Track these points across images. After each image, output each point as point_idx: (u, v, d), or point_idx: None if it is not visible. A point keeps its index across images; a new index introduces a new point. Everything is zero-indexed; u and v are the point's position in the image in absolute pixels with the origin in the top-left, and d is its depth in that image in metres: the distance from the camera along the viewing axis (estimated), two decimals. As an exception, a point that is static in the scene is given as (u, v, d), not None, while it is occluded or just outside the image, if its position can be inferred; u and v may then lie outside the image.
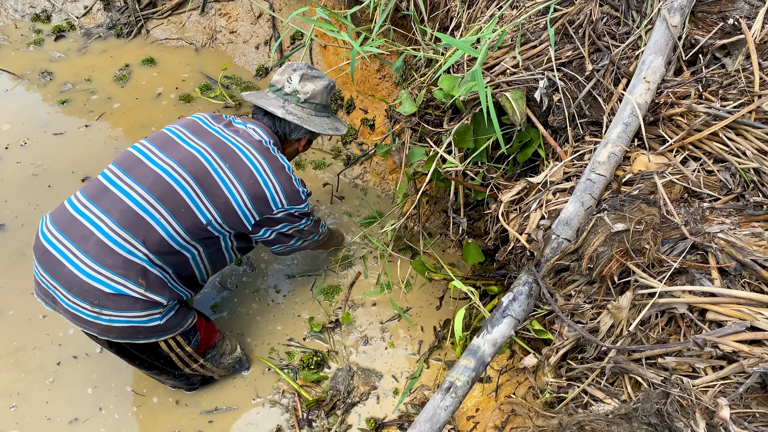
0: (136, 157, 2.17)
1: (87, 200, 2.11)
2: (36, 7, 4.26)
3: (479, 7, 2.37)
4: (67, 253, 2.04)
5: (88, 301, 2.02)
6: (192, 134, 2.22)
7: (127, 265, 2.04)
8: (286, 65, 2.41)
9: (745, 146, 1.75)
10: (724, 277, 1.57)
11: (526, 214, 1.96)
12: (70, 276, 2.02)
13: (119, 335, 2.10)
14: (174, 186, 2.10)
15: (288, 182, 2.26)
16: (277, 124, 2.40)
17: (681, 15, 1.93)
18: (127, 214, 2.06)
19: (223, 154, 2.17)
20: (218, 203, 2.15)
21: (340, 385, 2.62)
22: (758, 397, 1.39)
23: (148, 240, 2.07)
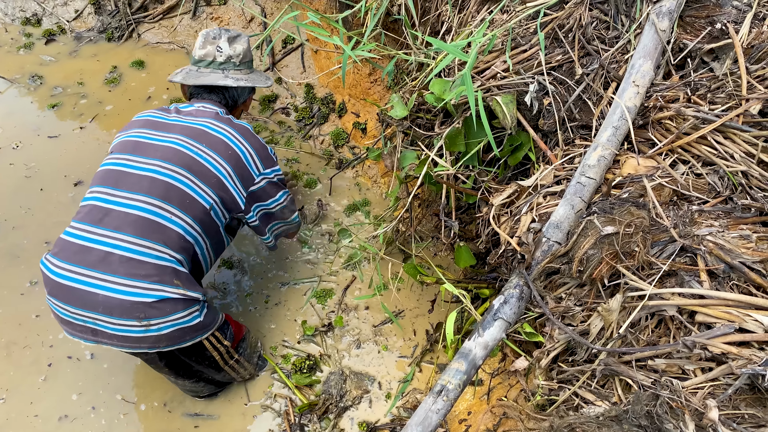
0: (118, 170, 2.15)
1: (90, 226, 2.07)
2: (26, 11, 4.24)
3: (470, 12, 2.38)
4: (94, 281, 1.99)
5: (134, 317, 1.99)
6: (157, 131, 2.24)
7: (159, 271, 2.03)
8: (202, 38, 2.44)
9: (733, 149, 1.77)
10: (713, 279, 1.58)
11: (517, 217, 1.97)
12: (107, 301, 1.98)
13: (169, 343, 2.08)
14: (170, 182, 2.12)
15: (257, 142, 2.34)
16: (226, 95, 2.47)
17: (669, 19, 1.95)
18: (140, 223, 2.05)
19: (195, 137, 2.21)
20: (212, 184, 2.19)
21: (332, 389, 2.61)
22: (747, 398, 1.40)
23: (168, 241, 2.08)
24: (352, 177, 3.43)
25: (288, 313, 2.87)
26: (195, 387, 2.48)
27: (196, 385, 2.46)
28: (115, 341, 2.05)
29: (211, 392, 2.58)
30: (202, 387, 2.49)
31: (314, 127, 3.64)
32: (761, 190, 1.72)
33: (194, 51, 2.48)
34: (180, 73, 2.47)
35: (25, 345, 2.71)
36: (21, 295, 2.87)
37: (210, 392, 2.57)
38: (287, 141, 3.58)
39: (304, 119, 3.68)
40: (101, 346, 2.15)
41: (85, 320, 2.02)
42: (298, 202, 3.29)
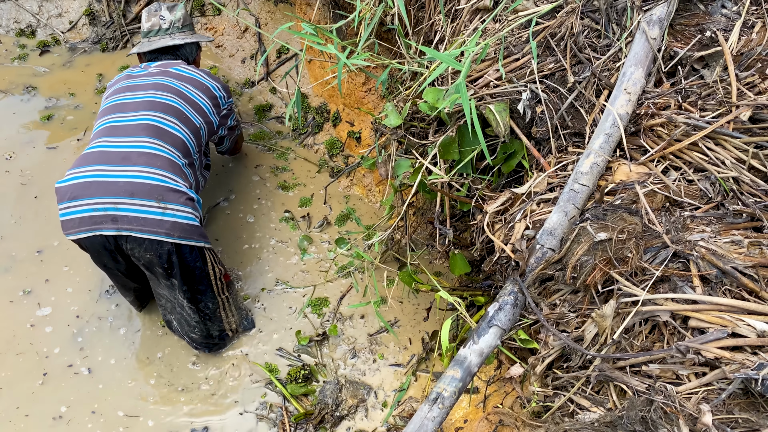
0: (118, 104, 2.55)
1: (107, 137, 2.42)
2: (21, 23, 4.25)
3: (462, 21, 2.39)
4: (116, 173, 2.31)
5: (153, 198, 2.30)
6: (138, 80, 2.66)
7: (172, 165, 2.42)
8: (145, 14, 2.88)
9: (724, 156, 1.79)
10: (706, 284, 1.59)
11: (511, 224, 1.97)
12: (129, 186, 2.29)
13: (182, 233, 2.36)
14: (166, 102, 2.55)
15: (218, 79, 2.87)
16: (179, 54, 2.92)
17: (660, 28, 1.97)
18: (151, 128, 2.45)
19: (174, 77, 2.67)
20: (197, 110, 2.66)
21: (328, 399, 2.61)
22: (740, 402, 1.41)
23: (176, 144, 2.50)
24: (347, 186, 3.43)
25: (283, 323, 2.87)
26: (193, 320, 2.61)
27: (195, 317, 2.60)
28: (135, 225, 2.29)
29: (210, 341, 2.70)
30: (202, 326, 2.63)
31: (309, 137, 3.65)
32: (752, 196, 1.74)
33: (142, 27, 2.92)
34: (138, 47, 2.92)
35: (19, 352, 2.70)
36: (10, 302, 2.86)
37: (208, 340, 2.69)
38: (281, 154, 3.59)
39: (298, 128, 3.69)
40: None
41: (107, 207, 2.28)
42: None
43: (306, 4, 3.44)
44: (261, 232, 3.21)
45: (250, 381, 2.67)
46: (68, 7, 4.26)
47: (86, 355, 2.72)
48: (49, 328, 2.80)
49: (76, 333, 2.78)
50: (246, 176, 3.47)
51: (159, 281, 2.52)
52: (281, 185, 3.42)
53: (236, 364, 2.72)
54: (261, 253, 3.12)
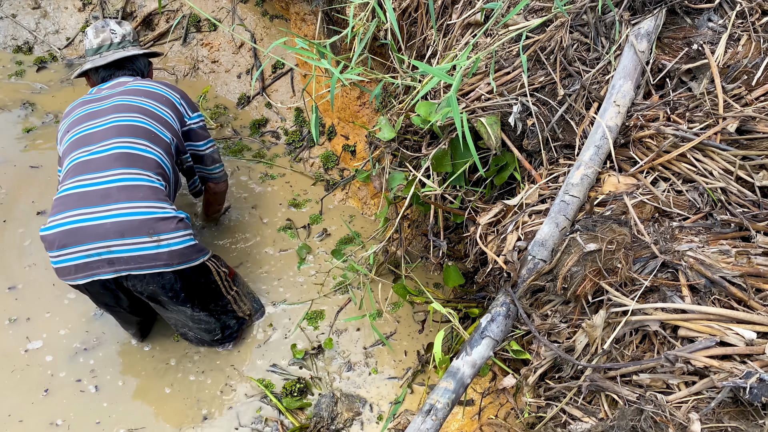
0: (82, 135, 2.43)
1: (80, 176, 2.31)
2: (18, 39, 4.28)
3: (454, 36, 2.43)
4: (101, 214, 2.22)
5: (144, 234, 2.22)
6: (97, 103, 2.54)
7: (153, 192, 2.32)
8: (92, 30, 2.76)
9: (712, 167, 1.81)
10: (695, 294, 1.60)
11: (504, 236, 1.99)
12: (117, 226, 2.21)
13: (180, 260, 2.30)
14: (133, 123, 2.44)
15: (180, 91, 2.74)
16: (134, 68, 2.81)
17: (648, 41, 1.99)
18: (124, 157, 2.34)
19: (133, 94, 2.56)
20: (163, 124, 2.54)
21: (323, 412, 2.60)
22: (730, 411, 1.42)
23: (151, 168, 2.39)
24: (342, 199, 3.45)
25: (278, 336, 2.87)
26: (209, 325, 2.63)
27: (210, 320, 2.62)
28: (132, 264, 2.24)
29: (224, 336, 2.73)
30: (215, 325, 2.65)
31: (304, 150, 3.67)
32: (740, 206, 1.76)
33: (89, 44, 2.78)
34: (84, 66, 2.78)
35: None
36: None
37: (223, 335, 2.72)
38: (275, 166, 3.61)
39: (293, 142, 3.72)
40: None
41: (100, 252, 2.21)
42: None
43: (301, 19, 3.48)
44: (257, 241, 3.23)
45: (245, 395, 2.67)
46: (65, 23, 4.30)
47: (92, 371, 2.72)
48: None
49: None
50: (242, 187, 3.49)
51: (166, 308, 2.50)
52: (277, 196, 3.44)
53: (231, 377, 2.72)
54: (258, 263, 3.14)
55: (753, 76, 1.86)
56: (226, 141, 3.73)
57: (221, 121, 3.85)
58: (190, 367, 2.75)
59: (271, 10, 3.96)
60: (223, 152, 3.68)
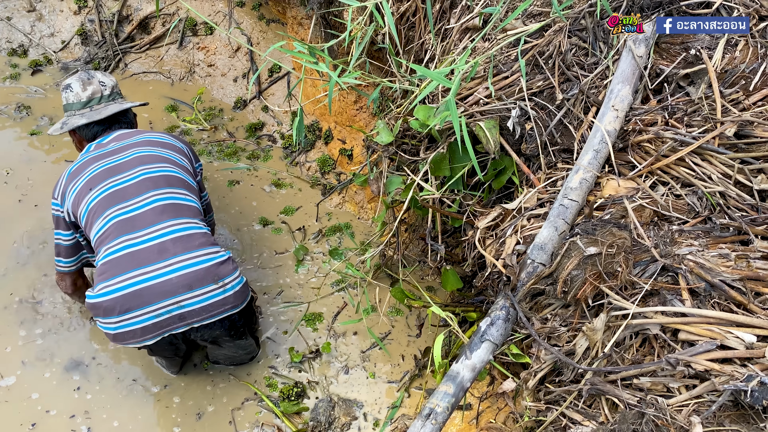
0: (114, 191, 2.31)
1: (127, 235, 2.22)
2: (13, 42, 4.26)
3: (452, 40, 2.43)
4: (163, 271, 2.15)
5: (211, 282, 2.19)
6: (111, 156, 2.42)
7: (206, 238, 2.29)
8: (78, 83, 2.58)
9: (711, 171, 1.82)
10: (695, 297, 1.61)
11: (502, 239, 1.99)
12: (183, 279, 2.15)
13: (243, 298, 2.31)
14: (164, 174, 2.38)
15: (185, 141, 2.67)
16: (126, 120, 2.68)
17: (646, 46, 2.00)
18: (168, 209, 2.28)
19: (148, 145, 2.47)
20: (186, 171, 2.49)
21: (320, 416, 2.60)
22: (731, 414, 1.42)
23: (195, 215, 2.35)
24: (339, 203, 3.45)
25: (276, 339, 2.86)
26: (251, 346, 2.68)
27: (253, 343, 2.68)
28: (204, 314, 2.20)
29: (251, 354, 2.75)
30: (251, 343, 2.66)
31: (301, 154, 3.67)
32: (738, 210, 1.76)
33: (75, 97, 2.57)
34: (72, 121, 2.58)
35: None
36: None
37: (250, 354, 2.74)
38: (272, 171, 3.61)
39: (290, 146, 3.71)
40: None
41: (170, 309, 2.15)
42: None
43: (298, 23, 3.48)
44: (254, 244, 3.22)
45: (243, 399, 2.66)
46: (61, 26, 4.29)
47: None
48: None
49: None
50: (237, 190, 3.48)
51: (222, 346, 2.51)
52: (273, 199, 3.44)
53: (228, 380, 2.71)
54: (255, 265, 3.13)
55: (750, 81, 1.88)
56: (220, 144, 3.73)
57: (215, 123, 3.85)
58: (186, 370, 2.74)
59: (267, 14, 3.96)
60: (217, 155, 3.67)
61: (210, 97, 4.04)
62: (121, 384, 2.67)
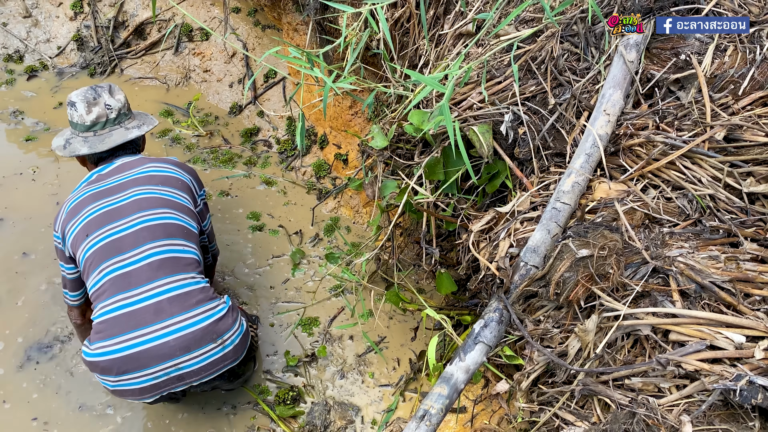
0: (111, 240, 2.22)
1: (122, 294, 2.15)
2: (8, 48, 4.28)
3: (446, 46, 2.46)
4: (159, 333, 2.09)
5: (209, 342, 2.14)
6: (112, 195, 2.31)
7: (204, 292, 2.21)
8: (83, 104, 2.42)
9: (701, 174, 1.84)
10: (685, 298, 1.63)
11: (496, 242, 2.01)
12: (180, 341, 2.09)
13: (242, 348, 2.29)
14: (164, 222, 2.27)
15: (189, 168, 2.56)
16: (132, 145, 2.56)
17: (637, 51, 2.03)
18: (167, 264, 2.19)
19: (148, 182, 2.35)
20: (186, 212, 2.37)
21: (316, 420, 2.60)
22: (721, 414, 1.44)
23: (193, 268, 2.26)
24: (334, 207, 3.47)
25: (272, 343, 2.87)
26: (244, 380, 2.67)
27: (245, 377, 2.66)
28: (203, 373, 2.17)
29: (247, 379, 2.73)
30: (247, 377, 2.67)
31: (296, 159, 3.69)
32: (728, 213, 1.79)
33: (79, 118, 2.44)
34: (75, 145, 2.46)
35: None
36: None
37: (248, 378, 2.73)
38: (267, 177, 3.62)
39: (286, 151, 3.73)
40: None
41: (168, 371, 2.10)
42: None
43: (293, 29, 3.50)
44: (250, 248, 3.23)
45: (238, 403, 2.67)
46: (56, 32, 4.30)
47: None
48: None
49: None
50: (233, 195, 3.49)
51: (221, 388, 2.54)
52: (269, 204, 3.45)
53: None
54: (252, 269, 3.14)
55: (739, 85, 1.90)
56: (216, 150, 3.74)
57: (210, 129, 3.86)
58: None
59: (263, 20, 3.98)
60: (212, 162, 3.68)
61: (205, 102, 4.06)
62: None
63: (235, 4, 4.05)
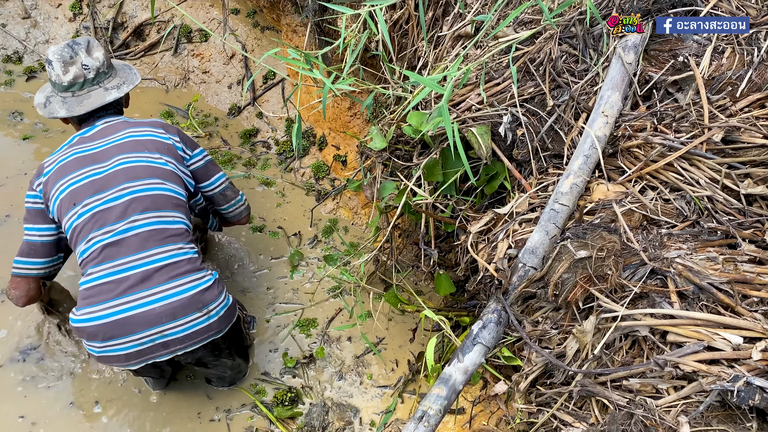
0: (100, 211, 2.21)
1: (112, 262, 2.17)
2: (7, 49, 4.27)
3: (445, 47, 2.46)
4: (146, 300, 2.12)
5: (195, 310, 2.17)
6: (98, 163, 2.29)
7: (192, 263, 2.24)
8: (59, 63, 2.32)
9: (699, 175, 1.84)
10: (683, 300, 1.63)
11: (494, 244, 2.01)
12: (167, 308, 2.13)
13: (228, 321, 2.31)
14: (152, 192, 2.27)
15: (174, 129, 2.49)
16: (114, 105, 2.49)
17: (635, 53, 2.04)
18: (155, 235, 2.21)
19: (133, 148, 2.32)
20: (175, 179, 2.36)
21: (314, 421, 2.60)
22: (718, 414, 1.44)
23: (182, 238, 2.27)
24: (333, 209, 3.47)
25: (269, 345, 2.87)
26: (241, 366, 2.68)
27: (242, 362, 2.68)
28: (188, 342, 2.19)
29: (241, 373, 2.73)
30: (239, 363, 2.65)
31: (295, 160, 3.69)
32: (726, 214, 1.79)
33: (56, 78, 2.34)
34: (54, 105, 2.39)
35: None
36: None
37: (241, 372, 2.73)
38: (266, 178, 3.62)
39: (284, 152, 3.73)
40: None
41: (154, 338, 2.13)
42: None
43: (292, 31, 3.50)
44: (249, 249, 3.23)
45: (236, 404, 2.66)
46: (56, 33, 4.30)
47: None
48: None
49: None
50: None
51: (209, 367, 2.51)
52: (268, 205, 3.45)
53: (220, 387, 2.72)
54: (250, 270, 3.14)
55: (737, 87, 1.91)
56: (216, 151, 3.74)
57: (210, 130, 3.86)
58: (180, 374, 2.74)
59: (262, 21, 3.99)
60: (212, 163, 3.69)
61: (204, 104, 4.06)
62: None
63: (234, 5, 4.05)
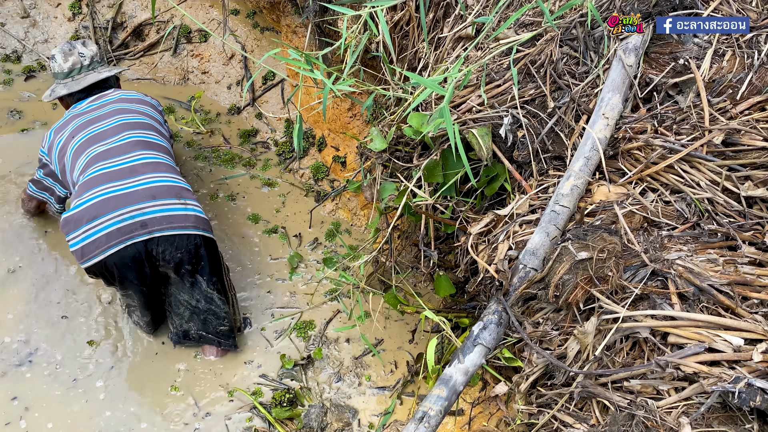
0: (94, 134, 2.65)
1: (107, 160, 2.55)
2: (6, 48, 4.26)
3: (445, 49, 2.46)
4: (132, 184, 2.46)
5: (173, 196, 2.49)
6: (101, 121, 2.72)
7: (174, 171, 2.66)
8: (61, 55, 2.93)
9: (699, 178, 1.85)
10: (684, 301, 1.63)
11: (495, 245, 2.02)
12: (149, 190, 2.45)
13: (204, 226, 2.55)
14: (139, 121, 2.76)
15: (155, 99, 3.05)
16: (107, 86, 3.00)
17: (636, 55, 2.04)
18: (142, 143, 2.65)
19: (125, 101, 2.85)
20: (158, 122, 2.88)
21: (313, 422, 2.60)
22: (719, 416, 1.44)
23: (168, 154, 2.73)
24: (332, 210, 3.47)
25: (268, 346, 2.87)
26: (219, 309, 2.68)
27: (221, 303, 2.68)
28: (165, 224, 2.42)
29: (234, 333, 2.77)
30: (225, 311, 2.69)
31: (294, 161, 3.69)
32: (726, 216, 1.80)
33: (58, 68, 2.94)
34: (57, 90, 2.97)
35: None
36: None
37: (233, 331, 2.76)
38: (266, 178, 3.62)
39: (284, 153, 3.73)
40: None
41: (134, 215, 2.39)
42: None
43: (292, 32, 3.50)
44: (247, 250, 3.23)
45: (235, 406, 2.66)
46: (55, 33, 4.29)
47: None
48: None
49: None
50: (232, 197, 3.49)
51: (183, 284, 2.59)
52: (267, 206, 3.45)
53: (220, 387, 2.71)
54: (249, 272, 3.13)
55: (737, 90, 1.91)
56: (216, 150, 3.74)
57: (212, 127, 3.86)
58: (179, 377, 2.74)
59: (262, 22, 3.99)
60: (213, 161, 3.68)
61: (205, 99, 4.06)
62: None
63: (234, 6, 4.05)
